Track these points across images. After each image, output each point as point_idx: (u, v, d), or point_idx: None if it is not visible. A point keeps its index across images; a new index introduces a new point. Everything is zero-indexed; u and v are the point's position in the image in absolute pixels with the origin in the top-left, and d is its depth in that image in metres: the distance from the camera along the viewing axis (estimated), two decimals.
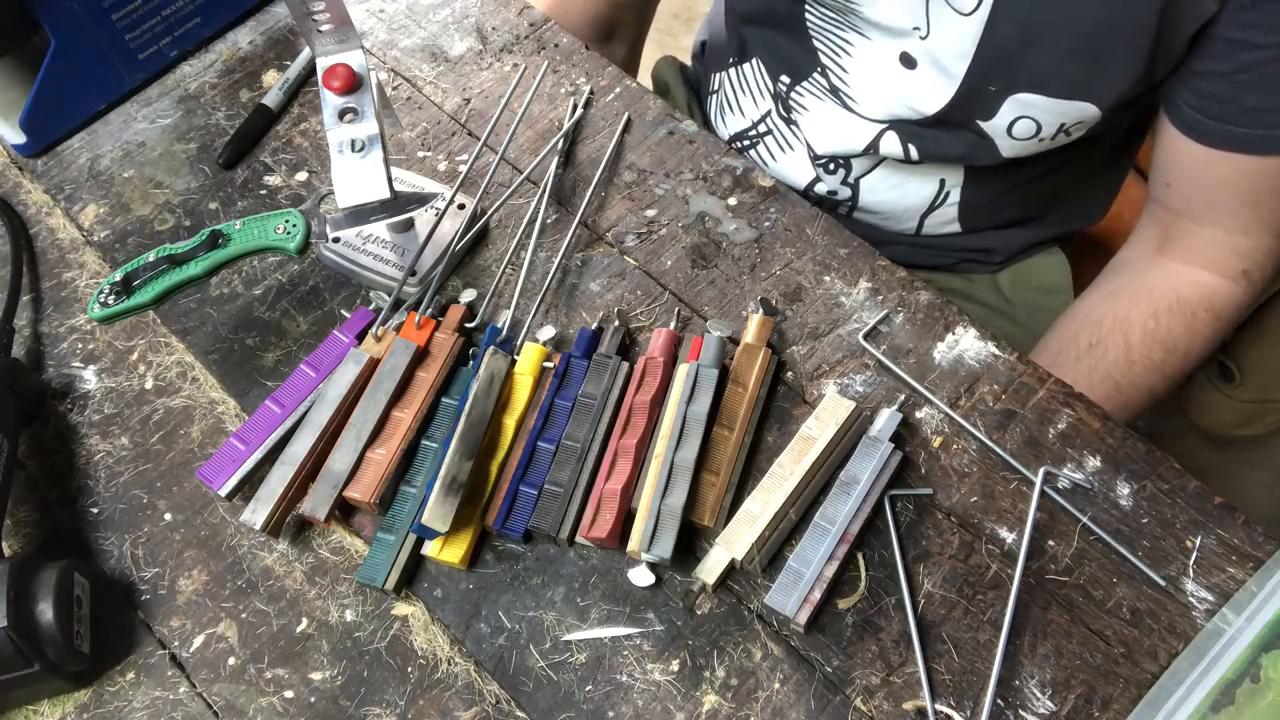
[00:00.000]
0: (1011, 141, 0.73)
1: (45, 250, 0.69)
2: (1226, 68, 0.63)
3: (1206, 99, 0.65)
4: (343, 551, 0.57)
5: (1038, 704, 0.51)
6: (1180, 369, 0.73)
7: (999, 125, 0.72)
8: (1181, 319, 0.71)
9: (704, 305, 0.64)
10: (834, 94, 0.80)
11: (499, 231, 0.68)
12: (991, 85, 0.70)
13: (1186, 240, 0.72)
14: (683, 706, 0.51)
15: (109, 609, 0.55)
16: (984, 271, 0.91)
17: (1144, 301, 0.73)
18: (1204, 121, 0.66)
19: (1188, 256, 0.72)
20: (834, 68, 0.79)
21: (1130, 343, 0.72)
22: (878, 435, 0.57)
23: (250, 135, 0.73)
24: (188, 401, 0.62)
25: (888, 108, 0.77)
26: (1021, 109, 0.70)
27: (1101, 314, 0.74)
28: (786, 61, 0.83)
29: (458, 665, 0.53)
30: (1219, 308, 0.72)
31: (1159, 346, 0.71)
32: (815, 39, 0.79)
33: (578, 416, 0.58)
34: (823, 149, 0.83)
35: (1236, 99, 0.63)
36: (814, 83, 0.81)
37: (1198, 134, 0.66)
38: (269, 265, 0.67)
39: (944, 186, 0.83)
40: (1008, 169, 0.79)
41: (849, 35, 0.76)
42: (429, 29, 0.79)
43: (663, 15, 1.99)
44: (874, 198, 0.85)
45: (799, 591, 0.52)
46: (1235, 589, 0.53)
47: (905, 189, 0.84)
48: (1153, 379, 0.72)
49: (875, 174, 0.84)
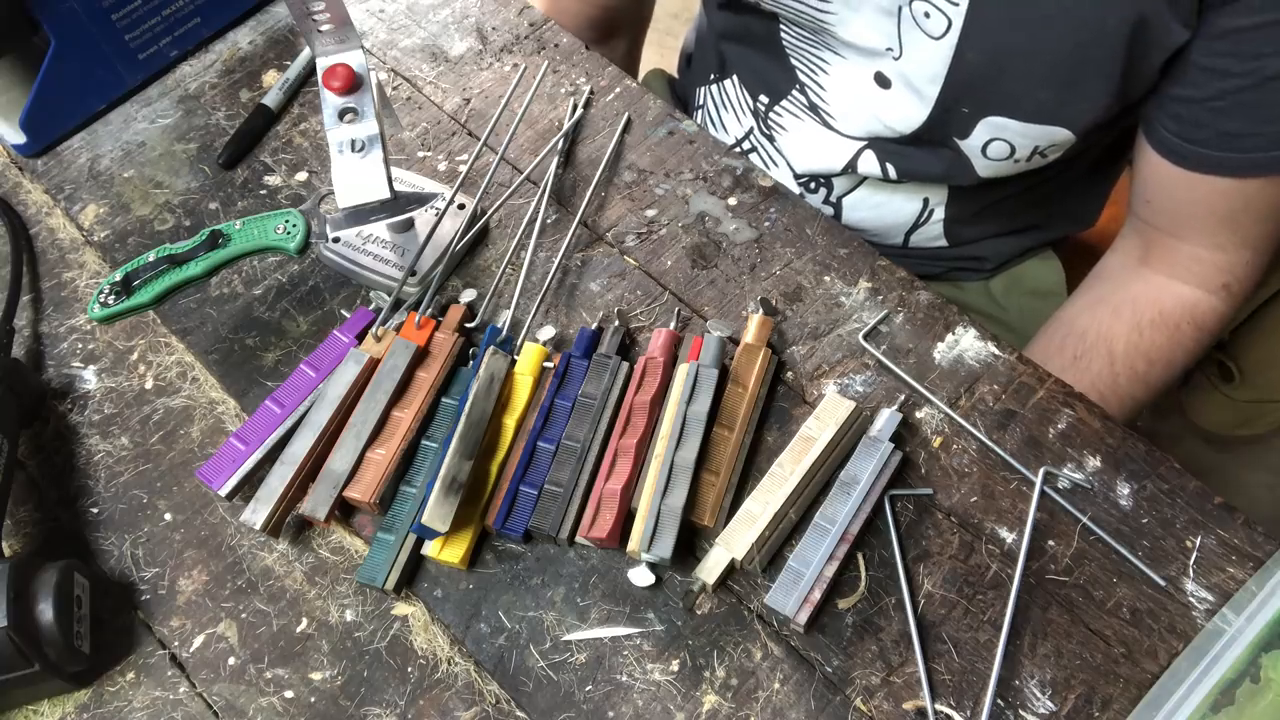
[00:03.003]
0: (987, 162, 0.73)
1: (45, 250, 0.69)
2: (1202, 94, 0.63)
3: (1184, 124, 0.65)
4: (343, 551, 0.57)
5: (1038, 704, 0.51)
6: (1163, 380, 0.73)
7: (973, 145, 0.72)
8: (1165, 331, 0.72)
9: (704, 305, 0.64)
10: (813, 111, 0.80)
11: (499, 231, 0.68)
12: (964, 107, 0.70)
13: (1168, 255, 0.73)
14: (683, 706, 0.51)
15: (109, 609, 0.55)
16: (976, 279, 0.91)
17: (1128, 314, 0.73)
18: (1182, 145, 0.66)
19: (1169, 270, 0.73)
20: (812, 86, 0.79)
21: (1114, 355, 0.72)
22: (878, 435, 0.57)
23: (250, 135, 0.73)
24: (188, 401, 0.62)
25: (866, 125, 0.77)
26: (994, 131, 0.70)
27: (1085, 325, 0.74)
28: (764, 80, 0.83)
29: (458, 665, 0.53)
30: (1201, 320, 0.72)
31: (1142, 359, 0.72)
32: (792, 58, 0.79)
33: (578, 416, 0.58)
34: (802, 168, 0.83)
35: (1213, 124, 0.63)
36: (793, 101, 0.81)
37: (1176, 157, 0.67)
38: (269, 265, 0.67)
39: (928, 205, 0.83)
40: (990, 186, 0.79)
41: (824, 55, 0.76)
42: (429, 29, 0.79)
43: (662, 16, 1.99)
44: (857, 215, 0.85)
45: (799, 591, 0.52)
46: (1235, 589, 0.53)
47: (888, 208, 0.84)
48: (1136, 390, 0.72)
49: (857, 193, 0.84)
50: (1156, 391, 0.74)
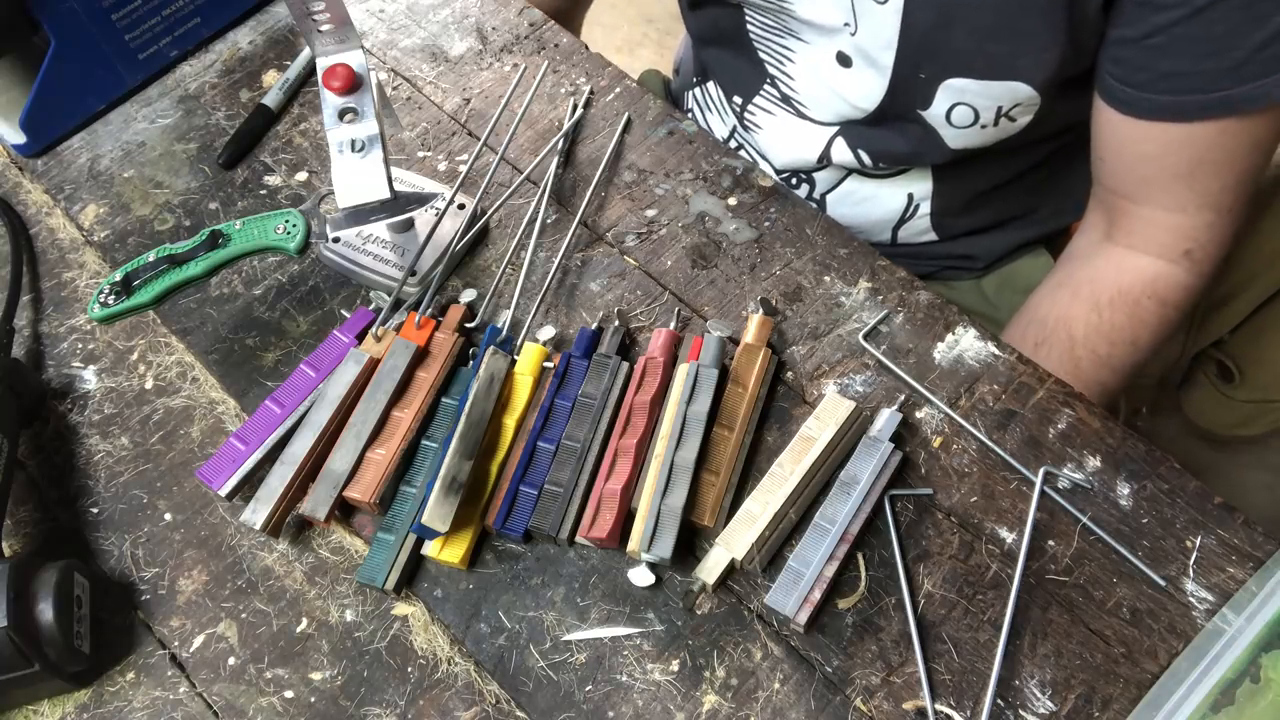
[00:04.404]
0: (954, 131, 0.73)
1: (45, 250, 0.69)
2: (1138, 32, 0.61)
3: (1125, 67, 0.63)
4: (343, 551, 0.57)
5: (1038, 704, 0.51)
6: (1130, 361, 0.71)
7: (937, 115, 0.72)
8: (1124, 310, 0.70)
9: (704, 305, 0.64)
10: (786, 103, 0.81)
11: (499, 231, 0.68)
12: (921, 73, 0.69)
13: (1127, 222, 0.71)
14: (683, 706, 0.51)
15: (109, 609, 0.55)
16: (968, 278, 0.91)
17: (1086, 294, 0.71)
18: (1125, 91, 0.64)
19: (1129, 240, 0.71)
20: (781, 77, 0.79)
21: (1074, 338, 0.70)
22: (878, 435, 0.57)
23: (250, 135, 0.73)
24: (188, 401, 0.62)
25: (834, 108, 0.77)
26: (955, 96, 0.70)
27: (1046, 311, 0.73)
28: (738, 80, 0.84)
29: (458, 665, 0.53)
30: (1163, 294, 0.70)
31: (1103, 340, 0.70)
32: (760, 49, 0.79)
33: (578, 416, 0.58)
34: (781, 162, 0.84)
35: (1152, 65, 0.62)
36: (766, 95, 0.82)
37: (1121, 104, 0.65)
38: (269, 265, 0.67)
39: (912, 200, 0.83)
40: (974, 174, 0.79)
41: (788, 41, 0.76)
42: (429, 29, 0.79)
43: (662, 16, 1.99)
44: (841, 212, 0.85)
45: (799, 591, 0.52)
46: (1235, 589, 0.53)
47: (872, 204, 0.84)
48: (1101, 374, 0.71)
49: (840, 190, 0.84)
50: (1125, 374, 0.72)
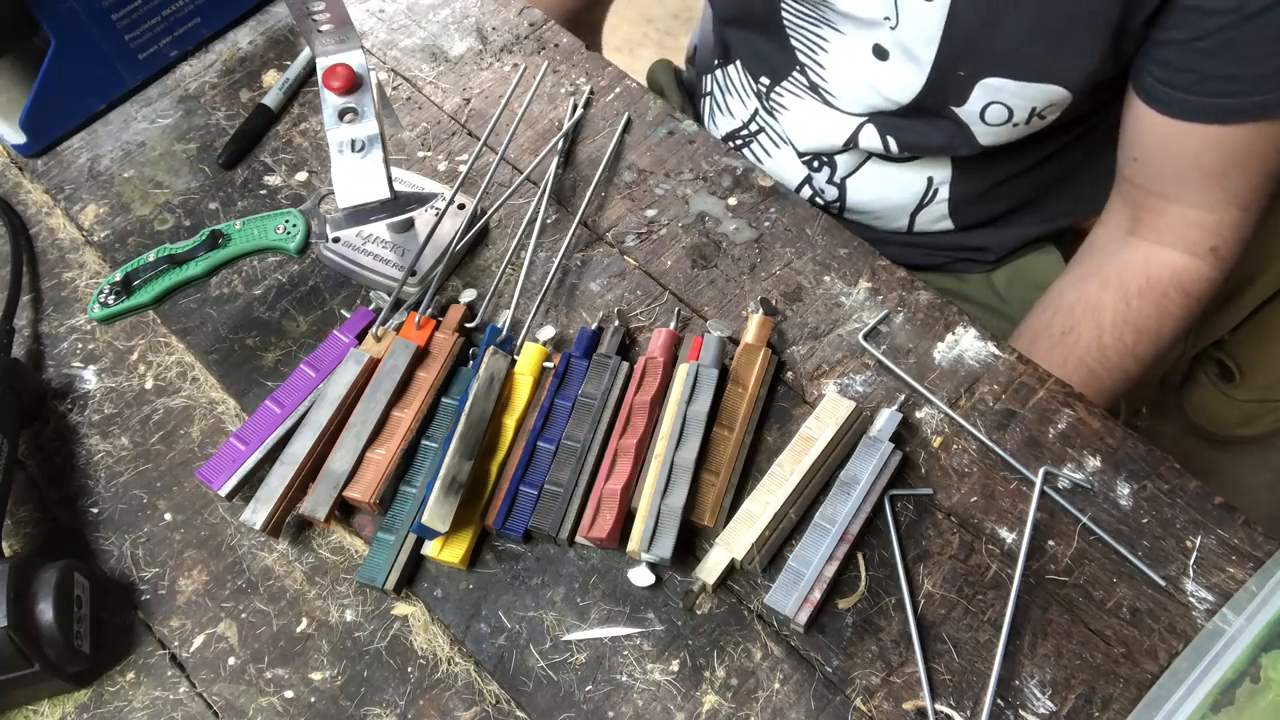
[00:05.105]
0: (986, 128, 0.73)
1: (45, 250, 0.69)
2: (1186, 35, 0.62)
3: (1168, 69, 0.65)
4: (343, 551, 0.57)
5: (1038, 704, 0.51)
6: (1153, 350, 0.73)
7: (972, 111, 0.72)
8: (1152, 300, 0.71)
9: (704, 305, 0.64)
10: (814, 91, 0.81)
11: (499, 231, 0.68)
12: (960, 70, 0.70)
13: (1154, 219, 0.72)
14: (683, 706, 0.51)
15: (109, 609, 0.55)
16: (979, 271, 0.91)
17: (1115, 285, 0.72)
18: (1167, 92, 0.65)
19: (1156, 235, 0.72)
20: (812, 65, 0.79)
21: (1102, 327, 0.71)
22: (878, 435, 0.57)
23: (250, 135, 0.73)
24: (188, 401, 0.62)
25: (865, 100, 0.77)
26: (991, 94, 0.70)
27: (1073, 300, 0.74)
28: (765, 62, 0.84)
29: (458, 665, 0.53)
30: (1189, 286, 0.71)
31: (1131, 329, 0.71)
32: (792, 37, 0.79)
33: (578, 416, 0.58)
34: (804, 145, 0.84)
35: (1198, 68, 0.63)
36: (794, 81, 0.82)
37: (1161, 105, 0.66)
38: (269, 265, 0.67)
39: (932, 184, 0.83)
40: (994, 162, 0.79)
41: (824, 31, 0.77)
42: (429, 29, 0.79)
43: (662, 15, 1.99)
44: (861, 197, 0.85)
45: (799, 591, 0.52)
46: (1235, 589, 0.53)
47: (892, 187, 0.84)
48: (1126, 362, 0.72)
49: (861, 173, 0.84)
50: (1146, 364, 0.73)
